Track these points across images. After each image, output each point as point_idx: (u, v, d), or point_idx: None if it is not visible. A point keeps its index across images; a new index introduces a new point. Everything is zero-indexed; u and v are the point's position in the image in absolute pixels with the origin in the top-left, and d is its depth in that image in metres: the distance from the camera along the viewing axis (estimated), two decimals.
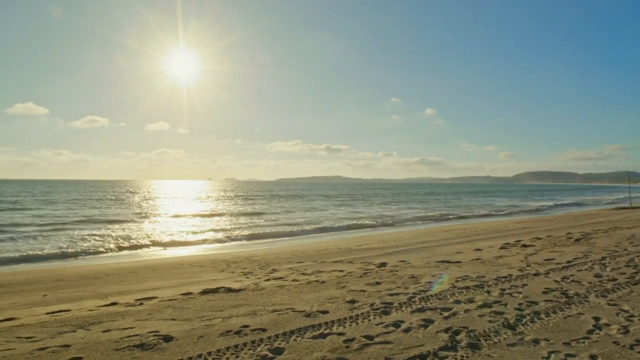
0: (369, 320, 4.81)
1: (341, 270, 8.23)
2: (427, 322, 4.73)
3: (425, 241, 13.87)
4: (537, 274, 7.21)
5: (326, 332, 4.44)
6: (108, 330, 4.60)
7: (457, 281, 6.75)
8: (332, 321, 4.77)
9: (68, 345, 4.12)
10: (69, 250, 14.57)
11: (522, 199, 58.92)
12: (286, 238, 18.50)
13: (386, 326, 4.60)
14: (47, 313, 5.57)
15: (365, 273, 7.78)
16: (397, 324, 4.65)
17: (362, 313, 5.07)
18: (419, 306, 5.34)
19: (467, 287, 6.30)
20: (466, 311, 5.11)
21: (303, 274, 8.09)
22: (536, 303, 5.43)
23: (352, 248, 12.73)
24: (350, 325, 4.66)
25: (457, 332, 4.37)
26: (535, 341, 4.17)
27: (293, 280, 7.34)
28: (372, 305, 5.41)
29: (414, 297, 5.76)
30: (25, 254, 13.73)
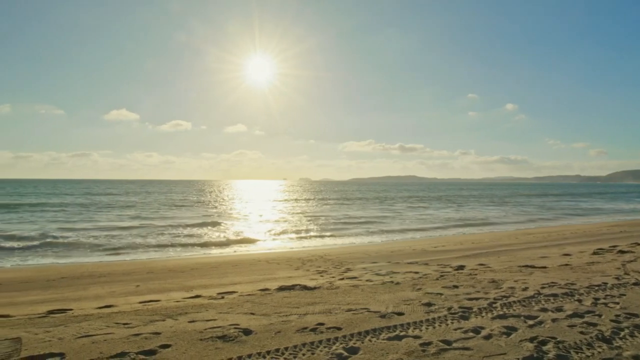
0: (447, 325, 4.65)
1: (416, 272, 8.06)
2: (510, 329, 4.47)
3: (506, 244, 13.17)
4: (637, 284, 6.54)
5: (402, 334, 4.36)
6: (193, 321, 4.90)
7: (542, 288, 6.32)
8: (408, 323, 4.68)
9: (159, 333, 4.45)
10: (158, 245, 15.89)
11: (617, 200, 53.64)
12: (359, 238, 18.48)
13: (465, 332, 4.42)
14: (140, 302, 6.06)
15: (441, 275, 7.55)
16: (476, 330, 4.45)
17: (439, 317, 4.92)
18: (501, 312, 5.08)
19: (555, 295, 5.87)
20: (554, 320, 4.77)
21: (377, 274, 8.04)
22: (636, 315, 4.93)
23: (427, 250, 12.41)
24: (427, 328, 4.54)
25: (543, 342, 4.09)
26: (636, 357, 3.78)
27: (367, 280, 7.32)
28: (449, 309, 5.24)
29: (494, 303, 5.48)
30: (120, 249, 15.33)
